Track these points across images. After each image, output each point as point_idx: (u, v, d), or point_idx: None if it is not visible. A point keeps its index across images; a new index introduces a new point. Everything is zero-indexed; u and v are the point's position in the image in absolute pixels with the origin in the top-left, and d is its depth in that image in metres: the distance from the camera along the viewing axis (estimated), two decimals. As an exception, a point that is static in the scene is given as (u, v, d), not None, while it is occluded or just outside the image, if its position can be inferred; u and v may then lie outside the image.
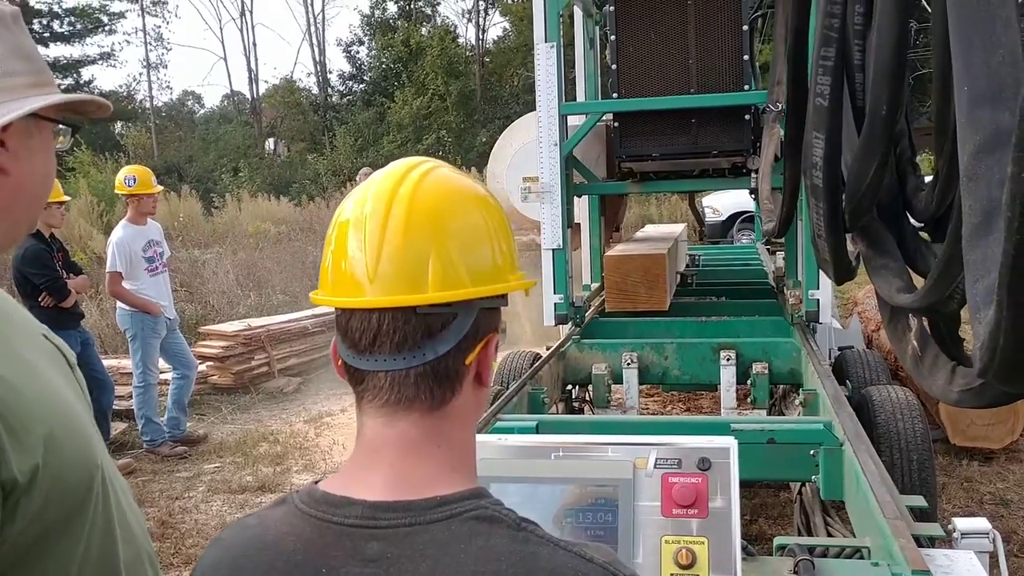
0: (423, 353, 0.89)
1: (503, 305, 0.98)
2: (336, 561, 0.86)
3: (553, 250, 4.77)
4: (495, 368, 0.99)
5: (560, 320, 4.81)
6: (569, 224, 4.88)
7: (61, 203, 5.97)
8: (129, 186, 6.15)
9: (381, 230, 0.90)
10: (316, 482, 0.94)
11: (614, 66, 4.80)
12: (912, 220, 2.25)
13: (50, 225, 5.85)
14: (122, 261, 6.11)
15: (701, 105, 4.68)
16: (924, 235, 2.22)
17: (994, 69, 0.98)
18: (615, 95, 4.82)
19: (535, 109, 4.76)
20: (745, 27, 4.68)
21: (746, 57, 4.67)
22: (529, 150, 5.75)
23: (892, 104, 1.90)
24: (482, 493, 0.90)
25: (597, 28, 6.14)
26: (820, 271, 3.67)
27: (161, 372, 6.57)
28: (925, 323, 2.07)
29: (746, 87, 4.65)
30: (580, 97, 5.99)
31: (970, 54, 1.07)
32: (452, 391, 0.92)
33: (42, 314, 5.56)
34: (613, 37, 4.81)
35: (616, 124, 4.94)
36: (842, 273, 2.50)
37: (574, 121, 4.97)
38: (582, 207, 5.75)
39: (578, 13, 5.77)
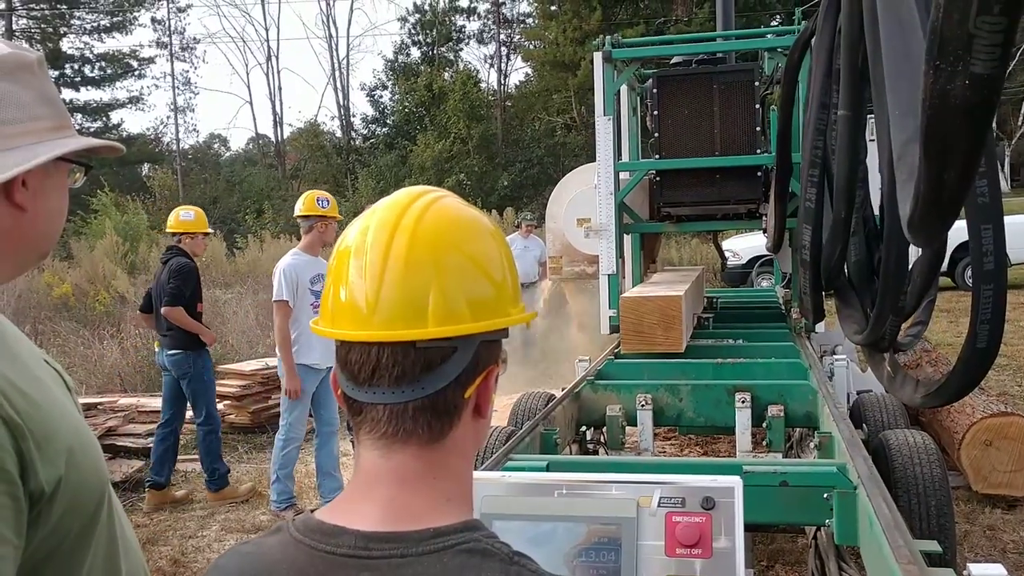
0: (422, 387, 0.89)
1: (504, 337, 0.98)
2: None
3: (608, 275, 6.13)
4: (493, 401, 0.99)
5: (614, 330, 5.88)
6: (620, 255, 6.25)
7: (206, 234, 6.27)
8: (323, 207, 5.74)
9: (382, 261, 0.89)
10: (313, 511, 0.95)
11: (656, 134, 6.16)
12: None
13: (194, 253, 6.19)
14: (288, 290, 5.55)
15: (723, 165, 6.05)
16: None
17: (913, 96, 1.50)
18: (656, 156, 6.19)
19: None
20: (757, 105, 6.02)
21: (758, 128, 6.00)
22: (582, 197, 7.53)
23: (848, 212, 2.77)
24: (476, 526, 0.90)
25: (639, 98, 7.38)
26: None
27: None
28: (894, 354, 2.96)
29: (758, 151, 5.96)
30: (624, 154, 7.13)
31: (899, 91, 1.74)
32: (451, 424, 0.92)
33: (181, 335, 5.96)
34: (656, 112, 6.13)
35: (657, 178, 6.31)
36: (818, 318, 3.82)
37: (623, 175, 6.36)
38: (626, 243, 6.80)
39: (624, 88, 6.96)
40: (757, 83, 6.04)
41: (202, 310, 6.25)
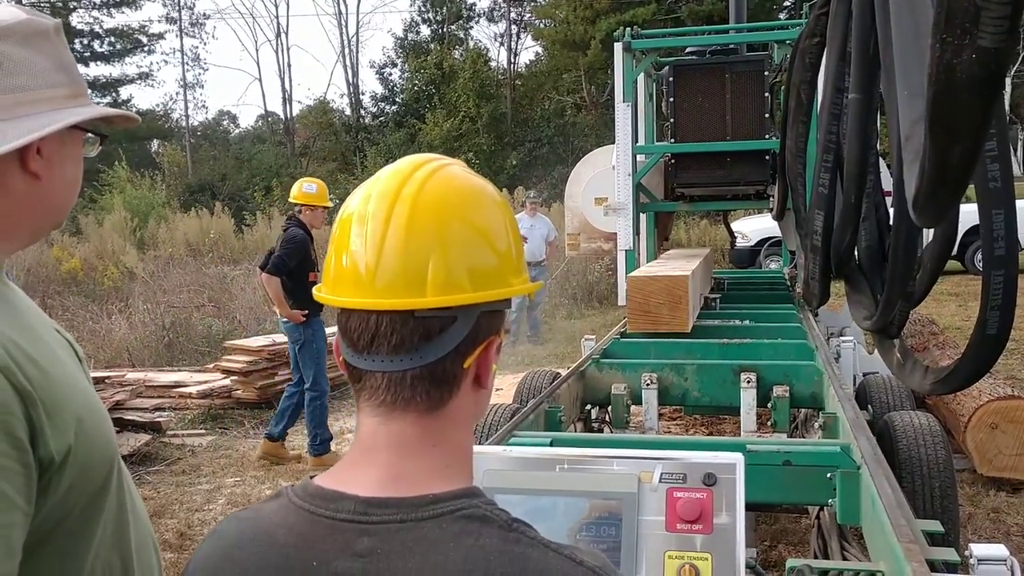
0: (420, 356, 0.88)
1: (506, 308, 0.97)
2: (327, 555, 0.86)
3: (626, 251, 6.68)
4: (495, 372, 0.98)
5: None
6: (636, 232, 6.79)
7: (325, 208, 6.54)
8: None
9: (383, 230, 0.89)
10: (312, 477, 0.94)
11: (672, 119, 6.70)
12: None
13: (312, 225, 6.45)
14: None
15: (734, 149, 6.57)
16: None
17: (922, 77, 1.50)
18: (672, 140, 6.73)
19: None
20: (766, 93, 6.50)
21: (767, 115, 6.50)
22: (600, 177, 8.04)
23: (858, 196, 2.83)
24: (475, 492, 0.90)
25: (654, 85, 7.89)
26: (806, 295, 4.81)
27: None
28: (904, 342, 2.95)
29: (767, 136, 6.41)
30: (641, 138, 7.51)
31: (909, 74, 1.76)
32: (450, 393, 0.91)
33: (293, 302, 6.19)
34: (671, 99, 6.66)
35: (672, 160, 6.89)
36: (821, 303, 3.98)
37: (640, 157, 6.82)
38: (642, 221, 7.21)
39: (641, 76, 7.38)
40: (767, 72, 6.51)
41: (315, 279, 6.37)
